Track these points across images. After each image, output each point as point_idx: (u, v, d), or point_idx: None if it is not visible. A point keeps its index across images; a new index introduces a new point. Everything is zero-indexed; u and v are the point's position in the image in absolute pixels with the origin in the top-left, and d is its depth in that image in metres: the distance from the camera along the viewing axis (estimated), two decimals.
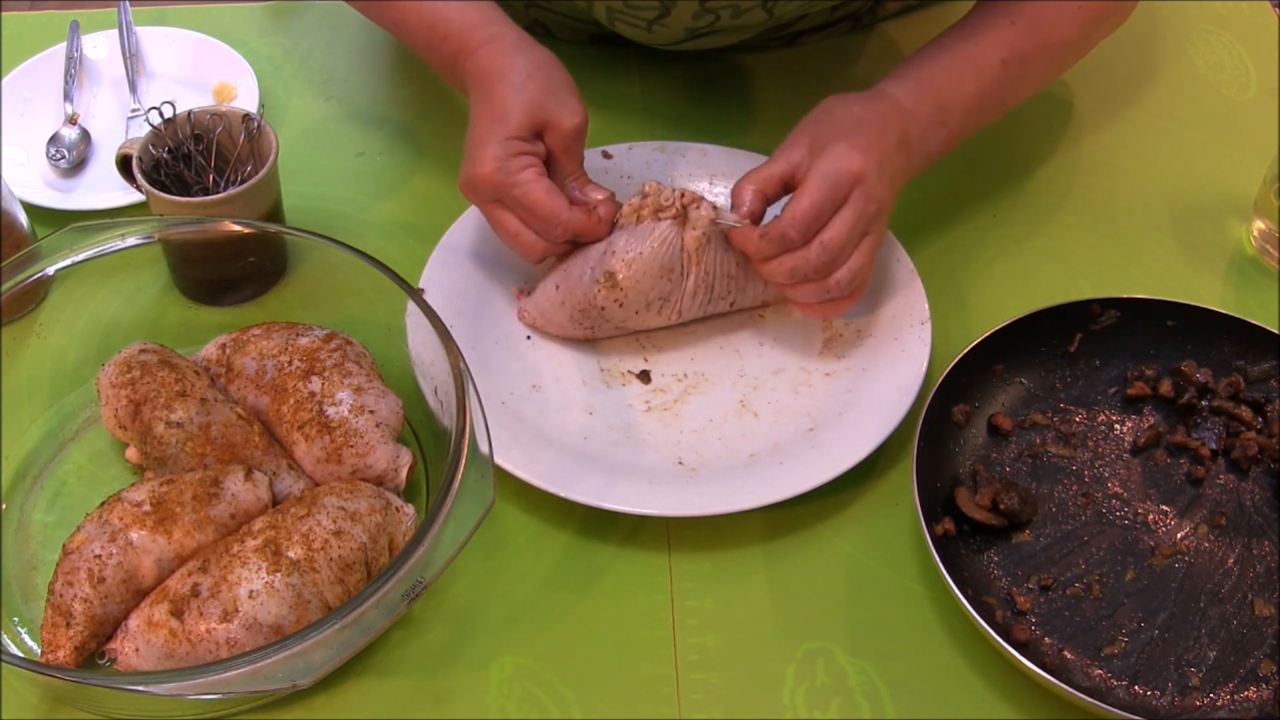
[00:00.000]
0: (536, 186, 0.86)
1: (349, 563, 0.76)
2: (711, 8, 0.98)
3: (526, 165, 0.87)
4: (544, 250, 0.89)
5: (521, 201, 0.87)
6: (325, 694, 0.77)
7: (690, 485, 0.85)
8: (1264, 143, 1.09)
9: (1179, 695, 0.77)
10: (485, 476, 0.74)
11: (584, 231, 0.89)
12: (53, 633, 0.75)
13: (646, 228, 0.88)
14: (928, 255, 1.00)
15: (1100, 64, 1.16)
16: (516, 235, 0.89)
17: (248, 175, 0.94)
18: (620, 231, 0.89)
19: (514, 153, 0.86)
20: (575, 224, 0.88)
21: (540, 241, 0.89)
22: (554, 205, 0.87)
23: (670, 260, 0.88)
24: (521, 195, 0.86)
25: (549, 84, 0.88)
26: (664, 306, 0.90)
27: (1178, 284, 1.00)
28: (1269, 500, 0.86)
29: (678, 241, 0.88)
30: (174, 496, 0.77)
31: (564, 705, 0.78)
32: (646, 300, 0.89)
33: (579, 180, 0.90)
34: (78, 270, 0.85)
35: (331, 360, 0.84)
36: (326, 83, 1.14)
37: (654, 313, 0.90)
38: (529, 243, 0.89)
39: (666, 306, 0.90)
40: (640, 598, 0.82)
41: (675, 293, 0.89)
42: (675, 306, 0.90)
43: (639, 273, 0.88)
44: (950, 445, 0.87)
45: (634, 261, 0.88)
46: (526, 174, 0.87)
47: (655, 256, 0.88)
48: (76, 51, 1.12)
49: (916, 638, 0.81)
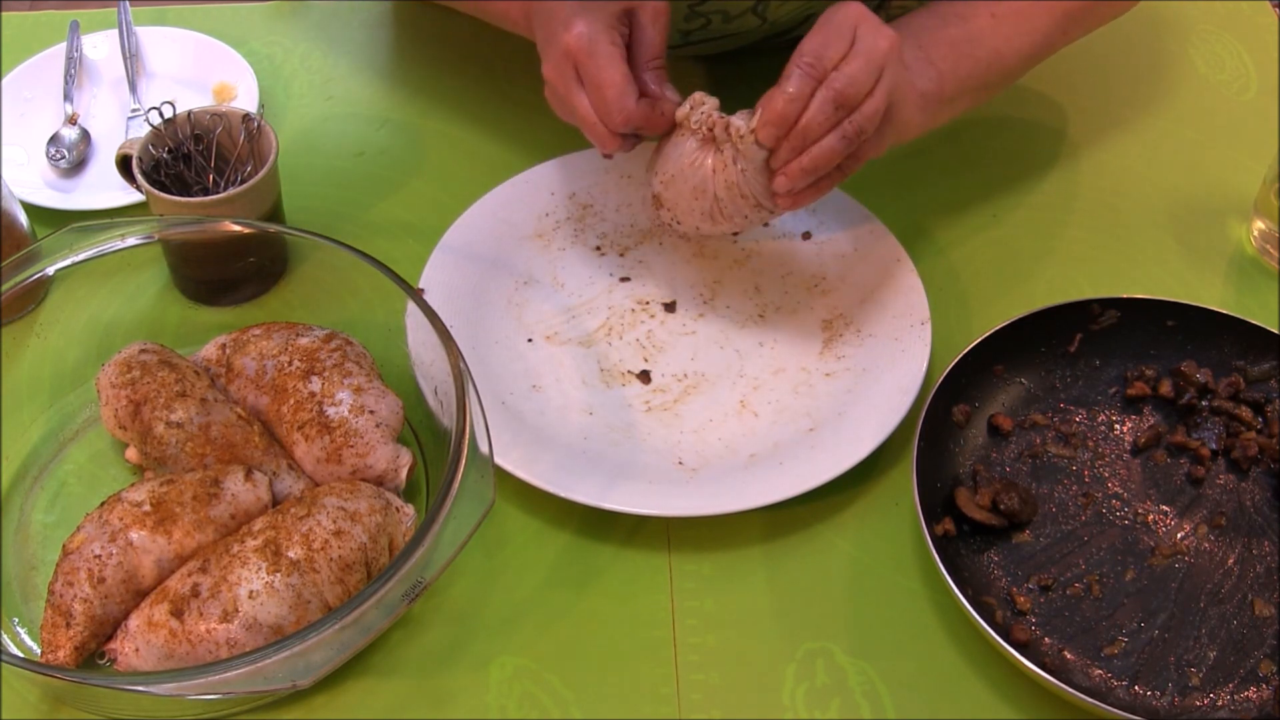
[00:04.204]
0: (614, 67, 0.83)
1: (349, 563, 0.76)
2: (702, 11, 0.98)
3: (611, 41, 0.84)
4: (615, 142, 0.86)
5: (595, 78, 0.84)
6: (325, 694, 0.77)
7: (690, 485, 0.85)
8: (1264, 143, 1.09)
9: (1179, 695, 0.77)
10: (485, 476, 0.74)
11: (644, 124, 0.86)
12: (53, 633, 0.75)
13: (677, 145, 0.87)
14: (928, 255, 1.00)
15: (1100, 64, 1.16)
16: (588, 120, 0.86)
17: (248, 175, 0.94)
18: (664, 146, 0.88)
19: (606, 26, 0.84)
20: (639, 116, 0.85)
21: (606, 132, 0.86)
22: (623, 89, 0.83)
23: (701, 181, 0.86)
24: (596, 71, 0.83)
25: None
26: (715, 222, 0.89)
27: (1178, 284, 1.00)
28: (1269, 500, 0.86)
29: (706, 162, 0.86)
30: (174, 496, 0.77)
31: (564, 705, 0.78)
32: (697, 218, 0.89)
33: (659, 71, 0.87)
34: (78, 270, 0.85)
35: (331, 360, 0.84)
36: (326, 83, 1.14)
37: (714, 223, 0.89)
38: (600, 132, 0.86)
39: (719, 223, 0.89)
40: (640, 598, 0.82)
41: (716, 211, 0.87)
42: (725, 225, 0.88)
43: (676, 193, 0.88)
44: (950, 445, 0.87)
45: (670, 182, 0.88)
46: (610, 49, 0.84)
47: (685, 178, 0.87)
48: (76, 51, 1.12)
49: (916, 638, 0.81)
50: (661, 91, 0.87)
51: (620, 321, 0.96)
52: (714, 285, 0.98)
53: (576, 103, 0.86)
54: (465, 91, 1.11)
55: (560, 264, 0.99)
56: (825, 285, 0.98)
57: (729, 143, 0.85)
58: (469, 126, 1.10)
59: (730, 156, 0.85)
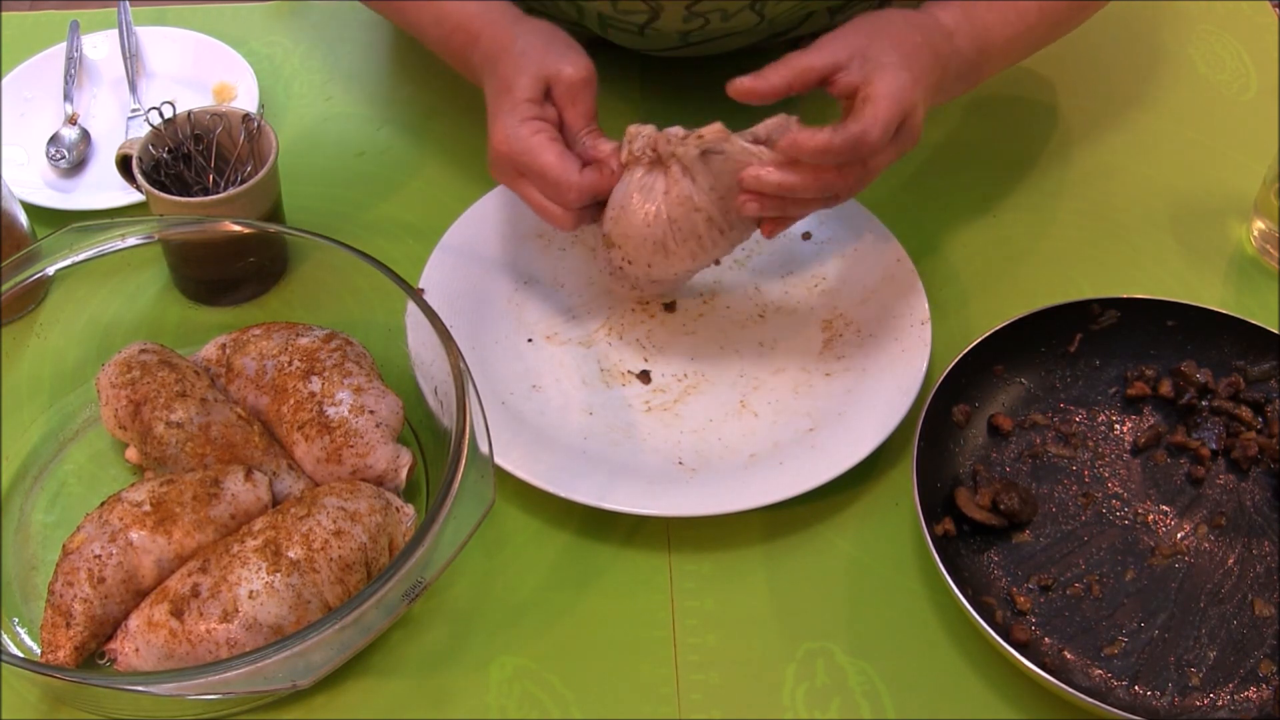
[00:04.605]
0: (546, 151, 0.83)
1: (349, 563, 0.76)
2: (700, 11, 0.98)
3: (535, 130, 0.84)
4: (572, 220, 0.86)
5: (533, 168, 0.84)
6: (325, 694, 0.77)
7: (690, 485, 0.85)
8: (1264, 143, 1.09)
9: (1179, 695, 0.77)
10: (485, 476, 0.74)
11: (599, 190, 0.85)
12: (53, 633, 0.75)
13: (624, 182, 0.85)
14: (928, 255, 1.00)
15: (1100, 64, 1.16)
16: (543, 207, 0.86)
17: (248, 175, 0.94)
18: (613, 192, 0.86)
19: (523, 118, 0.84)
20: (588, 185, 0.84)
21: (563, 211, 0.85)
22: (563, 168, 0.83)
23: (654, 208, 0.84)
24: (531, 162, 0.84)
25: (548, 43, 0.87)
26: (669, 254, 0.86)
27: (1178, 284, 1.00)
28: (1269, 500, 0.86)
29: (656, 186, 0.84)
30: (174, 496, 0.77)
31: (564, 705, 0.78)
32: (649, 252, 0.86)
33: (591, 135, 0.87)
34: (78, 270, 0.85)
35: (331, 360, 0.84)
36: (326, 83, 1.14)
37: (666, 256, 0.86)
38: (555, 214, 0.86)
39: (672, 255, 0.86)
40: (640, 598, 0.82)
41: (670, 238, 0.85)
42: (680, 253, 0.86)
43: (626, 228, 0.85)
44: (950, 445, 0.87)
45: (619, 216, 0.85)
46: (536, 139, 0.84)
47: (636, 208, 0.85)
48: (76, 51, 1.12)
49: (916, 638, 0.81)
50: (598, 150, 0.86)
51: (620, 321, 0.96)
52: (714, 285, 0.98)
53: (527, 193, 0.86)
54: (465, 91, 1.11)
55: (560, 264, 0.99)
56: (825, 285, 0.98)
57: (674, 157, 0.83)
58: (469, 126, 1.09)
59: (679, 171, 0.84)
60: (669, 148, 0.83)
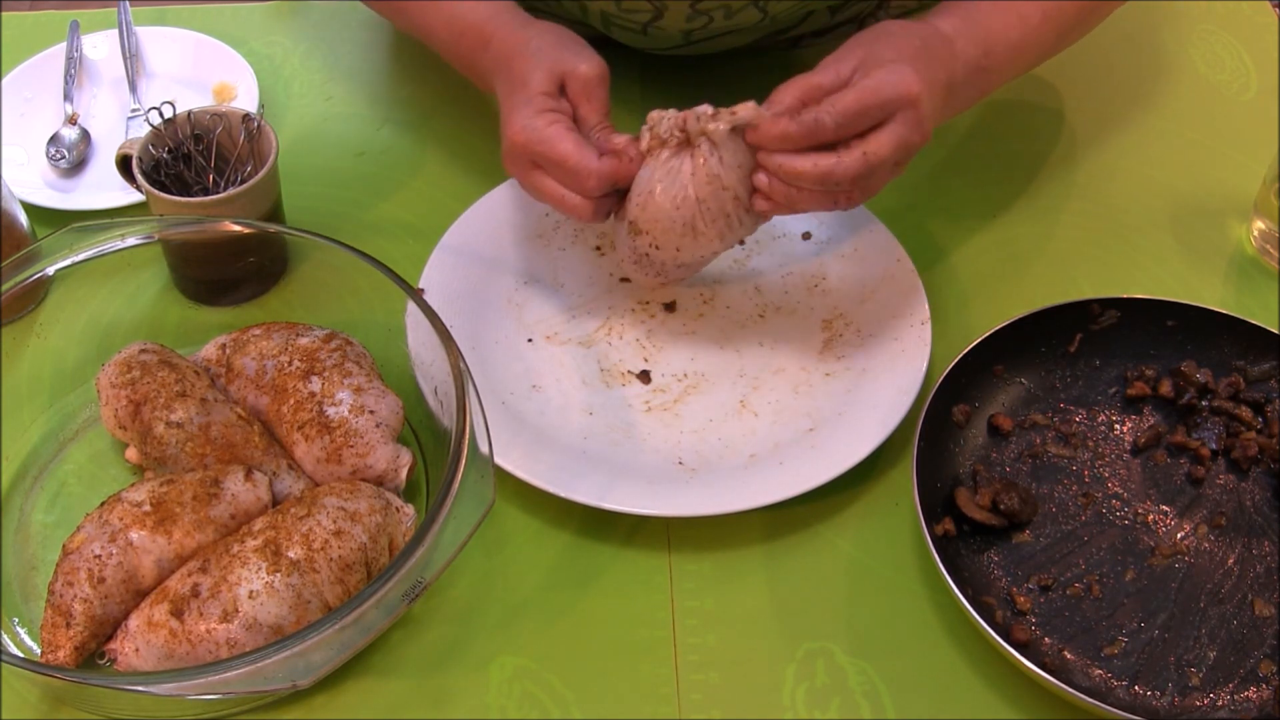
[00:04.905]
0: (563, 140, 0.84)
1: (349, 563, 0.76)
2: (703, 9, 0.98)
3: (552, 121, 0.85)
4: (591, 209, 0.86)
5: (550, 157, 0.84)
6: (325, 694, 0.77)
7: (690, 485, 0.85)
8: (1264, 143, 1.09)
9: (1179, 695, 0.77)
10: (485, 476, 0.74)
11: (619, 177, 0.85)
12: (53, 633, 0.75)
13: (650, 167, 0.85)
14: (928, 255, 1.00)
15: (1100, 64, 1.16)
16: (561, 198, 0.86)
17: (248, 175, 0.94)
18: (636, 179, 0.86)
19: (539, 110, 0.85)
20: (607, 171, 0.84)
21: (583, 200, 0.86)
22: (582, 156, 0.84)
23: (681, 188, 0.84)
24: (548, 151, 0.84)
25: (561, 42, 0.88)
26: (698, 235, 0.86)
27: (1178, 284, 1.00)
28: (1269, 500, 0.86)
29: (683, 166, 0.84)
30: (174, 496, 0.77)
31: (564, 705, 0.78)
32: (678, 235, 0.86)
33: (603, 130, 0.87)
34: (78, 270, 0.85)
35: (331, 360, 0.84)
36: (326, 83, 1.14)
37: (695, 237, 0.86)
38: (575, 204, 0.86)
39: (701, 236, 0.86)
40: (640, 598, 0.82)
41: (699, 219, 0.85)
42: (709, 233, 0.86)
43: (654, 213, 0.85)
44: (950, 445, 0.87)
45: (647, 201, 0.85)
46: (552, 129, 0.84)
47: (664, 191, 0.85)
48: (76, 51, 1.12)
49: (916, 638, 0.81)
50: (612, 143, 0.86)
51: (620, 321, 0.96)
52: (714, 285, 0.98)
53: (543, 185, 0.87)
54: (465, 91, 1.11)
55: (560, 264, 0.99)
56: (825, 285, 0.98)
57: (703, 135, 0.83)
58: (469, 126, 1.10)
59: (707, 150, 0.83)
60: (698, 125, 0.83)
